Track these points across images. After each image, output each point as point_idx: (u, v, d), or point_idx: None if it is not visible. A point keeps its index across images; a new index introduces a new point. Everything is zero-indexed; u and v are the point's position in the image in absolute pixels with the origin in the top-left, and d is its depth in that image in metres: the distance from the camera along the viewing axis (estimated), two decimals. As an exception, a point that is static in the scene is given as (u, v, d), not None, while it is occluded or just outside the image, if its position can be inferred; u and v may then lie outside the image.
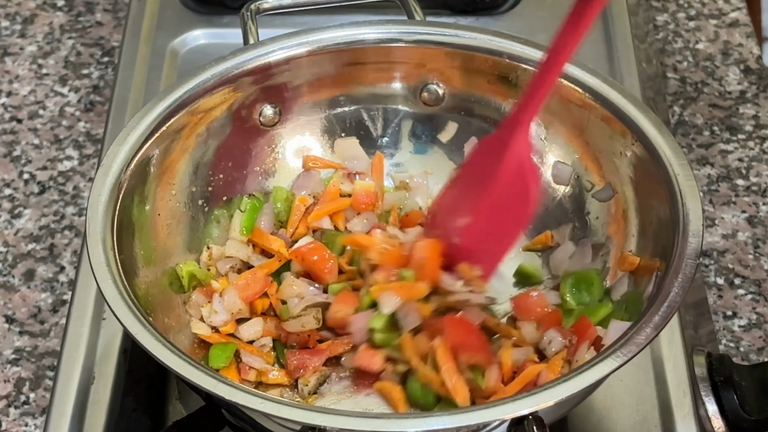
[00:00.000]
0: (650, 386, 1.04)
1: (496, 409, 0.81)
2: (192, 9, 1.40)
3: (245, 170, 1.11)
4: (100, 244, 0.92)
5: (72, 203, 1.28)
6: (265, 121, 1.11)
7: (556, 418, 0.92)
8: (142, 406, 1.04)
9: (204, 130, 1.07)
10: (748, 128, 1.34)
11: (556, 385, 0.82)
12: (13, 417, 1.09)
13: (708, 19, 1.47)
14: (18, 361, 1.14)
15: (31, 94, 1.41)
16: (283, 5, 1.14)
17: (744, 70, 1.41)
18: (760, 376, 0.99)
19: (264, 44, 1.08)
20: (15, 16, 1.51)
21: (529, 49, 1.06)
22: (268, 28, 1.12)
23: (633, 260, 0.99)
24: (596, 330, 0.97)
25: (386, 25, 1.10)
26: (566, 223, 1.08)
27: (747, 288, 1.18)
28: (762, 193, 1.27)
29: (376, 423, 0.81)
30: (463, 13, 1.38)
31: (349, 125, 1.14)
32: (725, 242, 1.22)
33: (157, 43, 1.36)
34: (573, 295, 1.03)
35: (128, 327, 0.86)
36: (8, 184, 1.30)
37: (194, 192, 1.07)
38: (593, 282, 1.03)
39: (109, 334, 1.08)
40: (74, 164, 1.32)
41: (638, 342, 0.84)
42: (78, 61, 1.45)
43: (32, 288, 1.20)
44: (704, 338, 1.11)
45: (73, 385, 1.04)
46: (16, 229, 1.26)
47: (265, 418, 0.89)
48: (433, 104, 1.14)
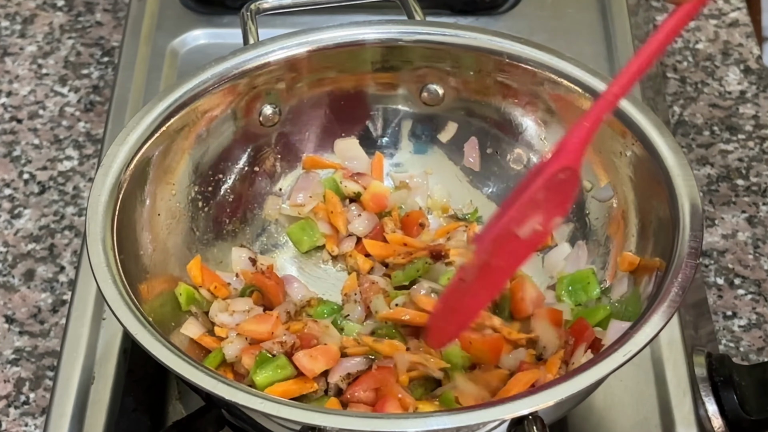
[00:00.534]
0: (650, 386, 1.04)
1: (496, 409, 0.81)
2: (192, 9, 1.40)
3: (245, 170, 1.11)
4: (100, 244, 0.92)
5: (72, 203, 1.28)
6: (265, 121, 1.11)
7: (556, 418, 0.92)
8: (142, 406, 1.04)
9: (204, 130, 1.07)
10: (748, 128, 1.34)
11: (555, 385, 0.82)
12: (13, 417, 1.09)
13: (708, 19, 1.47)
14: (18, 361, 1.14)
15: (31, 94, 1.41)
16: (283, 5, 1.14)
17: (744, 70, 1.41)
18: (760, 376, 0.99)
19: (264, 44, 1.08)
20: (15, 16, 1.51)
21: (529, 49, 1.06)
22: (268, 28, 1.12)
23: (633, 260, 0.99)
24: (594, 332, 0.97)
25: (386, 25, 1.10)
26: (566, 224, 1.08)
27: (747, 288, 1.18)
28: (762, 193, 1.27)
29: (376, 423, 0.81)
30: (463, 13, 1.38)
31: (349, 125, 1.14)
32: (725, 242, 1.22)
33: (157, 43, 1.36)
34: (569, 294, 1.03)
35: (128, 327, 0.86)
36: (8, 184, 1.30)
37: (194, 192, 1.07)
38: (589, 281, 1.03)
39: (109, 334, 1.08)
40: (74, 164, 1.32)
41: (638, 342, 0.84)
42: (78, 61, 1.45)
43: (32, 288, 1.20)
44: (704, 338, 1.11)
45: (73, 385, 1.04)
46: (16, 229, 1.26)
47: (265, 418, 0.89)
48: (433, 104, 1.14)
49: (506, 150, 1.12)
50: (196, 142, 1.06)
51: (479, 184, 1.14)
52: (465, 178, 1.14)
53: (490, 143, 1.13)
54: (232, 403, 0.82)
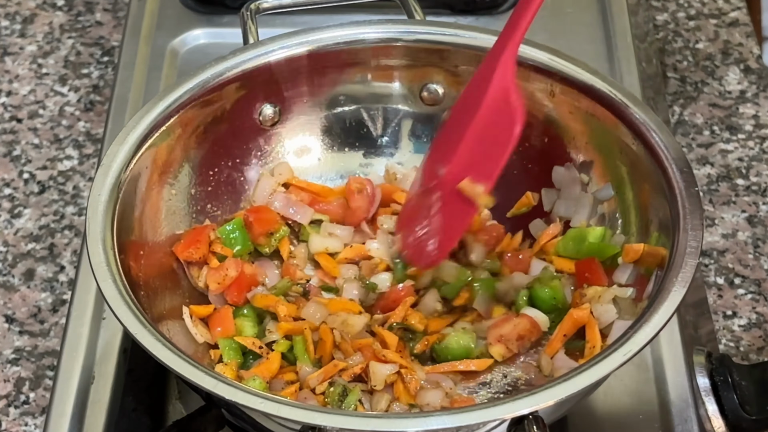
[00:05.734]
0: (650, 386, 1.04)
1: (496, 409, 0.81)
2: (192, 9, 1.40)
3: (245, 170, 1.11)
4: (100, 244, 0.92)
5: (72, 203, 1.28)
6: (264, 121, 1.11)
7: (556, 417, 0.92)
8: (142, 406, 1.04)
9: (204, 130, 1.07)
10: (748, 128, 1.34)
11: (556, 384, 0.82)
12: (13, 417, 1.09)
13: (708, 18, 1.47)
14: (18, 360, 1.14)
15: (31, 93, 1.41)
16: (282, 5, 1.14)
17: (744, 70, 1.41)
18: (760, 376, 0.99)
19: (264, 44, 1.08)
20: (15, 15, 1.51)
21: (529, 48, 1.06)
22: (268, 28, 1.12)
23: (637, 248, 0.99)
24: (603, 274, 1.00)
25: (386, 25, 1.10)
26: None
27: (747, 288, 1.18)
28: (762, 193, 1.27)
29: (376, 423, 0.81)
30: (463, 12, 1.38)
31: (349, 125, 1.15)
32: (725, 242, 1.22)
33: (157, 42, 1.36)
34: (566, 246, 1.05)
35: (128, 327, 0.86)
36: (8, 183, 1.30)
37: (194, 192, 1.07)
38: (586, 237, 1.04)
39: (109, 334, 1.08)
40: (74, 164, 1.32)
41: (638, 342, 0.84)
42: (78, 61, 1.45)
43: (32, 288, 1.20)
44: (704, 338, 1.11)
45: (73, 384, 1.04)
46: (16, 228, 1.26)
47: (265, 418, 0.89)
48: (433, 104, 1.14)
49: (506, 150, 1.12)
50: (196, 142, 1.06)
51: (479, 184, 1.14)
52: (465, 178, 1.14)
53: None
54: (232, 403, 0.82)
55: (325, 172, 1.15)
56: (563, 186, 1.08)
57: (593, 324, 0.97)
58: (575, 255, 1.04)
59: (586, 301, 0.99)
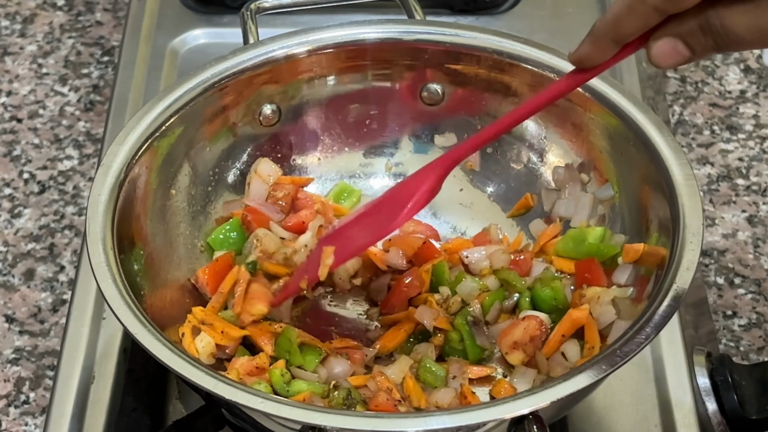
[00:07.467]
0: (650, 386, 1.04)
1: (496, 409, 0.81)
2: (192, 8, 1.40)
3: (245, 170, 1.11)
4: (100, 244, 0.92)
5: (72, 203, 1.28)
6: (264, 121, 1.11)
7: (556, 417, 0.92)
8: (142, 405, 1.04)
9: (204, 129, 1.07)
10: (748, 128, 1.34)
11: (556, 384, 0.82)
12: (13, 416, 1.09)
13: (708, 18, 1.47)
14: (18, 360, 1.14)
15: (31, 93, 1.41)
16: (283, 4, 1.14)
17: (744, 70, 1.41)
18: (760, 376, 0.99)
19: (264, 44, 1.08)
20: (15, 15, 1.51)
21: (529, 48, 1.07)
22: (268, 28, 1.12)
23: (637, 248, 0.99)
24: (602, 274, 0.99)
25: (386, 25, 1.10)
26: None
27: (747, 287, 1.18)
28: (762, 193, 1.27)
29: (376, 422, 0.81)
30: (463, 12, 1.38)
31: (349, 125, 1.14)
32: (725, 242, 1.22)
33: (157, 42, 1.36)
34: (566, 246, 1.04)
35: (128, 327, 0.86)
36: (8, 183, 1.30)
37: (194, 192, 1.07)
38: (586, 237, 1.03)
39: (109, 334, 1.08)
40: (74, 164, 1.32)
41: (638, 342, 0.84)
42: (78, 61, 1.45)
43: (32, 288, 1.20)
44: (704, 338, 1.11)
45: (73, 384, 1.04)
46: (16, 228, 1.26)
47: (265, 418, 0.89)
48: (433, 104, 1.14)
49: (506, 149, 1.12)
50: (196, 142, 1.06)
51: (480, 184, 1.14)
52: (465, 178, 1.14)
53: (490, 143, 1.12)
54: (232, 403, 0.82)
55: (325, 172, 1.15)
56: (563, 186, 1.08)
57: (592, 325, 0.97)
58: (575, 255, 1.04)
59: (585, 302, 0.99)
